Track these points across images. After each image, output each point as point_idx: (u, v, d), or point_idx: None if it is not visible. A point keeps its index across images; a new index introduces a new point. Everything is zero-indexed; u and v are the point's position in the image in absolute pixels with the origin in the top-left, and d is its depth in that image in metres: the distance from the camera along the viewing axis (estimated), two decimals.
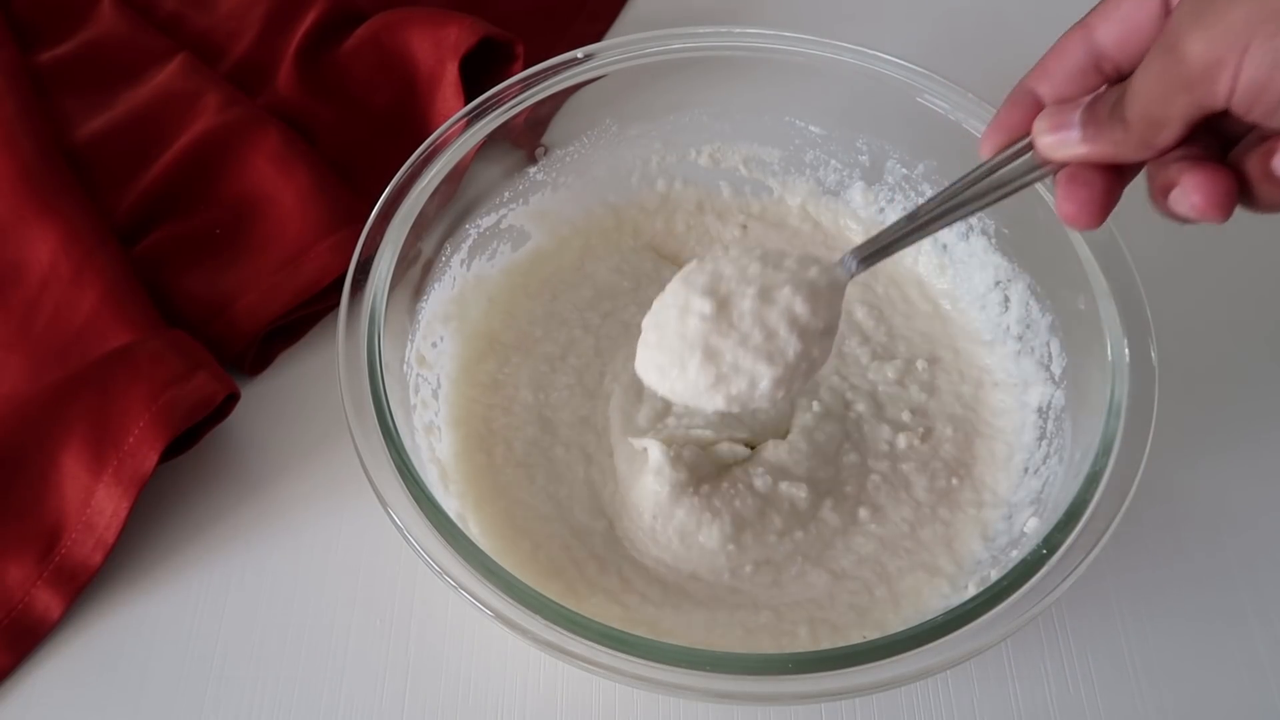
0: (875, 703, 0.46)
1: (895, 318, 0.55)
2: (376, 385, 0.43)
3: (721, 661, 0.37)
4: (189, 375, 0.49)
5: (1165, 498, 0.50)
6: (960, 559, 0.46)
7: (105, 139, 0.62)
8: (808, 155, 0.56)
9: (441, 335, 0.51)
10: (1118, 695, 0.46)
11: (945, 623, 0.38)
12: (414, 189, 0.48)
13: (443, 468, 0.47)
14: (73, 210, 0.56)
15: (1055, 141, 0.35)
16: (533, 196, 0.55)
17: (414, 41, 0.61)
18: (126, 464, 0.48)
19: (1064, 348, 0.48)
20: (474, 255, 0.53)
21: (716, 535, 0.46)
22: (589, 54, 0.52)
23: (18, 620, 0.47)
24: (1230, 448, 0.52)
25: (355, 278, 0.46)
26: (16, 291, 0.55)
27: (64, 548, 0.48)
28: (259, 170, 0.59)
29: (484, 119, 0.51)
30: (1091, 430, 0.43)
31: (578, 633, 0.37)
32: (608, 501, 0.49)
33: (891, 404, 0.51)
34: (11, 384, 0.53)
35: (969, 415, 0.51)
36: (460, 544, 0.39)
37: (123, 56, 0.66)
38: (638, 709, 0.46)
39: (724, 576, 0.46)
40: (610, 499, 0.49)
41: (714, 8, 0.70)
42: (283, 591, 0.49)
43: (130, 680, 0.47)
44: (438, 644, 0.47)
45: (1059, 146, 0.35)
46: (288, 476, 0.52)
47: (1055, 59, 0.37)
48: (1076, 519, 0.40)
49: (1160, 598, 0.48)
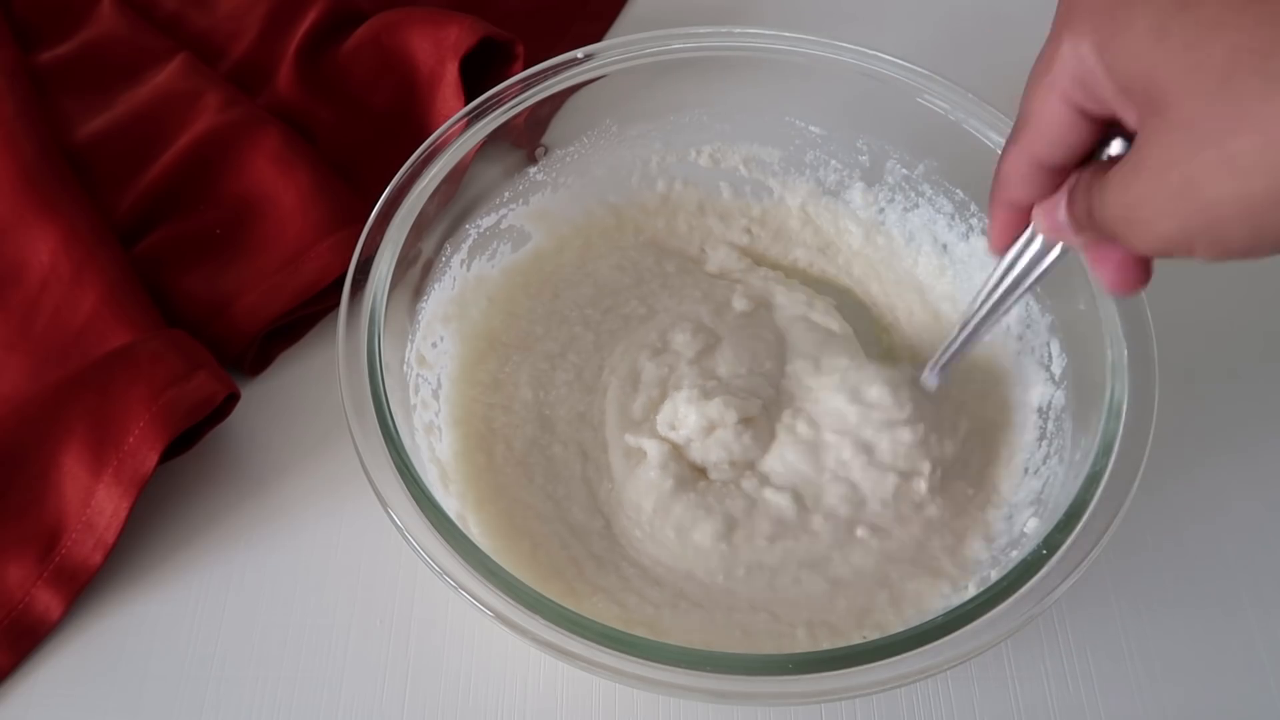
0: (875, 703, 0.46)
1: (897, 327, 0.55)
2: (376, 385, 0.43)
3: (721, 661, 0.37)
4: (189, 375, 0.49)
5: (1165, 498, 0.50)
6: (963, 561, 0.46)
7: (105, 139, 0.62)
8: (808, 155, 0.56)
9: (441, 335, 0.51)
10: (1118, 695, 0.46)
11: (945, 623, 0.38)
12: (414, 189, 0.48)
13: (443, 468, 0.47)
14: (73, 210, 0.56)
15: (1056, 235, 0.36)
16: (533, 196, 0.55)
17: (414, 41, 0.61)
18: (126, 464, 0.48)
19: (1064, 348, 0.48)
20: (474, 255, 0.53)
21: (710, 533, 0.46)
22: (589, 54, 0.52)
23: (18, 620, 0.47)
24: (1230, 448, 0.52)
25: (355, 278, 0.46)
26: (16, 291, 0.55)
27: (64, 548, 0.48)
28: (259, 170, 0.59)
29: (484, 119, 0.51)
30: (1091, 430, 0.43)
31: (578, 633, 0.37)
32: (604, 499, 0.49)
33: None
34: (11, 384, 0.53)
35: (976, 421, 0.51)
36: (460, 544, 0.39)
37: (123, 56, 0.66)
38: (638, 709, 0.46)
39: (719, 578, 0.46)
40: (606, 497, 0.49)
41: (714, 8, 0.70)
42: (283, 591, 0.49)
43: (130, 680, 0.47)
44: (438, 644, 0.47)
45: (1062, 237, 0.36)
46: (288, 476, 0.52)
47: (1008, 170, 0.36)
48: (1076, 519, 0.40)
49: (1160, 597, 0.48)
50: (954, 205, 0.53)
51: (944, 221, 0.54)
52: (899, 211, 0.56)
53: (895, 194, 0.55)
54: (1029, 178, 0.35)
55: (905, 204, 0.55)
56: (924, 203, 0.55)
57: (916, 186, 0.55)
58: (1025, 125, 0.34)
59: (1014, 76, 0.38)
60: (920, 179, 0.54)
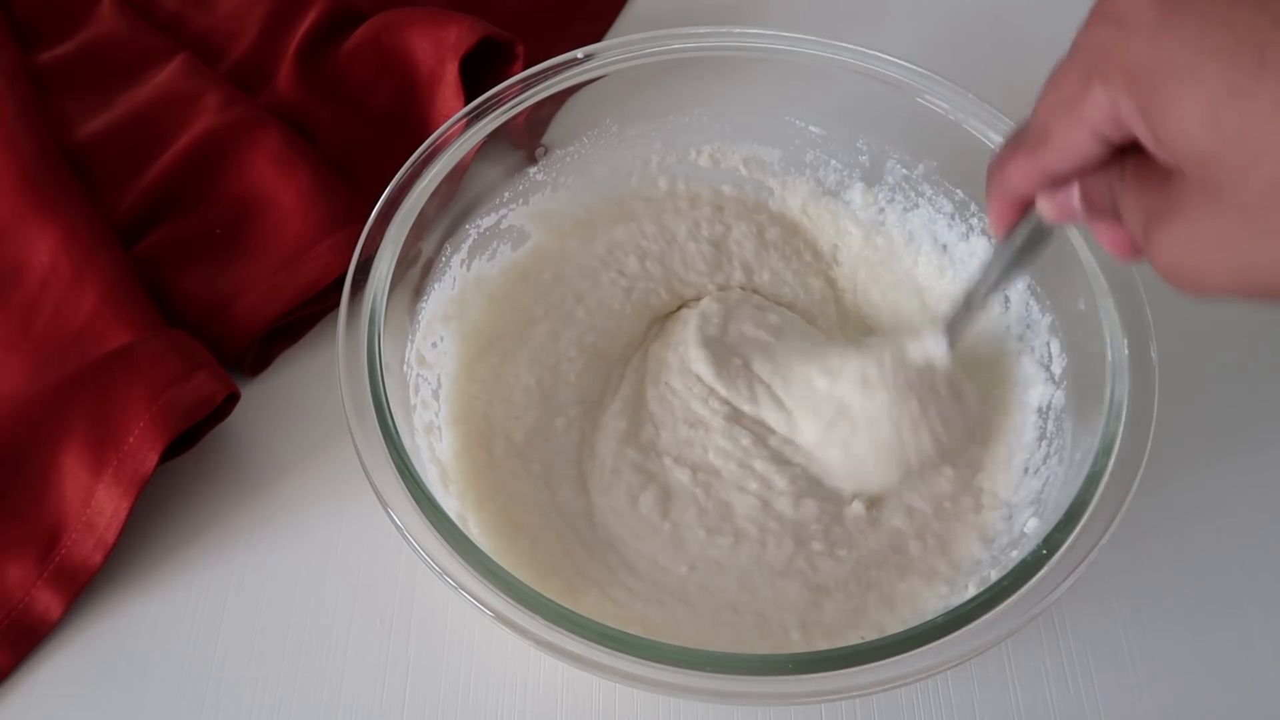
0: (875, 703, 0.46)
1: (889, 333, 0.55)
2: (376, 385, 0.43)
3: (721, 661, 0.37)
4: (189, 375, 0.49)
5: (1165, 498, 0.50)
6: (958, 562, 0.46)
7: (105, 139, 0.62)
8: (808, 155, 0.56)
9: (441, 335, 0.51)
10: (1118, 694, 0.46)
11: (945, 623, 0.38)
12: (414, 189, 0.48)
13: (443, 468, 0.47)
14: (73, 210, 0.56)
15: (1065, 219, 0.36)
16: (533, 196, 0.55)
17: (414, 41, 0.61)
18: (127, 464, 0.48)
19: (1064, 348, 0.48)
20: (474, 255, 0.53)
21: (650, 503, 0.47)
22: (589, 54, 0.52)
23: (18, 620, 0.47)
24: (1230, 448, 0.52)
25: (355, 278, 0.46)
26: (16, 291, 0.55)
27: (64, 548, 0.48)
28: (259, 170, 0.59)
29: (484, 119, 0.51)
30: (1091, 430, 0.43)
31: (577, 632, 0.37)
32: (589, 477, 0.49)
33: None
34: (11, 384, 0.53)
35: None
36: (460, 544, 0.39)
37: (123, 56, 0.66)
38: (638, 709, 0.46)
39: (682, 569, 0.46)
40: (589, 472, 0.49)
41: (714, 8, 0.70)
42: (283, 591, 0.49)
43: (130, 680, 0.47)
44: (438, 644, 0.47)
45: (1071, 219, 0.36)
46: (288, 476, 0.52)
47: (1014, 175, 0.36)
48: (1076, 519, 0.40)
49: (1160, 597, 0.48)
50: (954, 205, 0.53)
51: (944, 222, 0.54)
52: (899, 212, 0.56)
53: (895, 194, 0.55)
54: (1039, 183, 0.36)
55: (905, 204, 0.55)
56: (924, 203, 0.55)
57: (916, 187, 0.55)
58: (1043, 145, 0.34)
59: (1014, 76, 0.38)
60: (920, 179, 0.54)
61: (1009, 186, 0.37)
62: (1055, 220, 0.37)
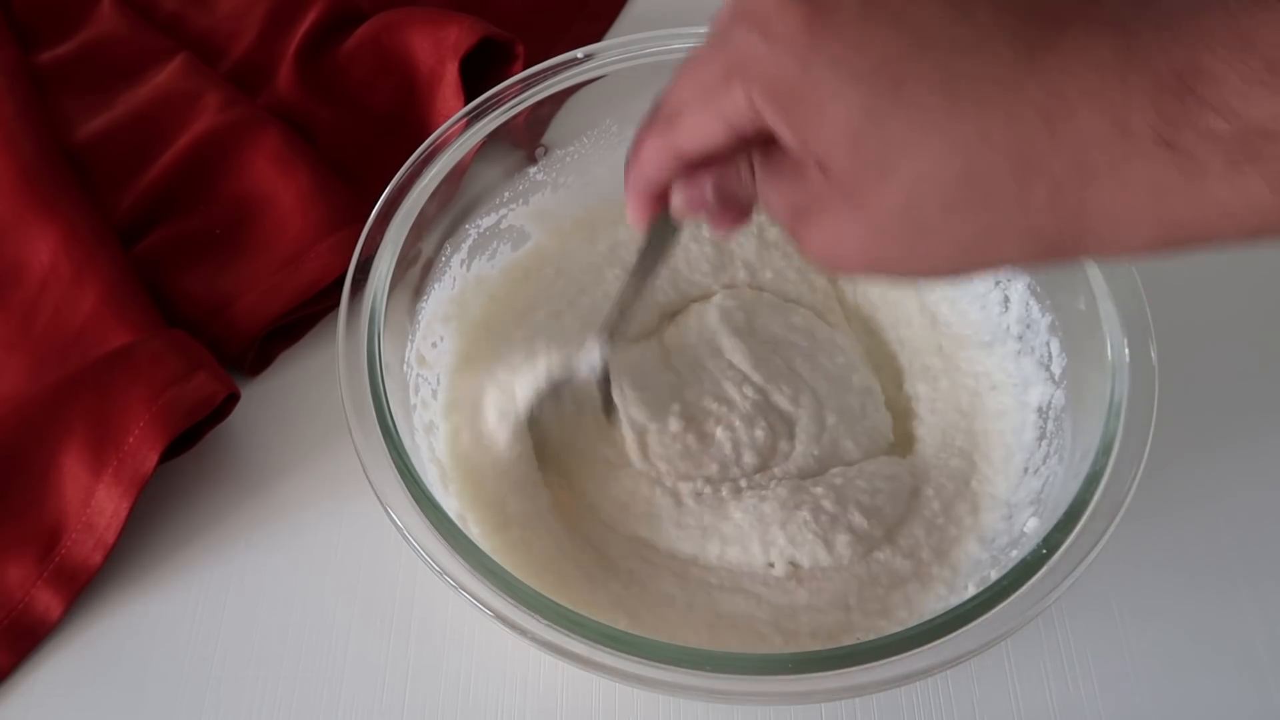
0: (875, 703, 0.46)
1: (889, 329, 0.55)
2: (376, 385, 0.43)
3: (721, 661, 0.37)
4: (189, 375, 0.49)
5: (1165, 498, 0.50)
6: (958, 562, 0.46)
7: (105, 139, 0.62)
8: None
9: (441, 335, 0.51)
10: (1118, 694, 0.46)
11: (945, 623, 0.38)
12: (414, 189, 0.48)
13: (443, 468, 0.47)
14: (73, 210, 0.56)
15: (694, 212, 0.37)
16: (533, 196, 0.55)
17: (414, 42, 0.61)
18: (126, 464, 0.48)
19: (1064, 348, 0.48)
20: (474, 255, 0.53)
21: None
22: (589, 54, 0.52)
23: (18, 620, 0.47)
24: (1230, 448, 0.52)
25: (355, 278, 0.46)
26: (16, 291, 0.55)
27: (64, 548, 0.48)
28: (259, 170, 0.59)
29: (484, 119, 0.51)
30: (1091, 430, 0.43)
31: (577, 633, 0.38)
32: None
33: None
34: (11, 384, 0.53)
35: (968, 421, 0.51)
36: (460, 544, 0.39)
37: (123, 57, 0.66)
38: (638, 709, 0.46)
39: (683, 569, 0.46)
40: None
41: (714, 8, 0.69)
42: (283, 591, 0.49)
43: (130, 680, 0.47)
44: (438, 644, 0.47)
45: (701, 211, 0.37)
46: (288, 476, 0.52)
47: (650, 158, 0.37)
48: (1076, 519, 0.40)
49: (1160, 597, 0.48)
50: None
51: None
52: None
53: None
54: (672, 167, 0.36)
55: None
56: None
57: None
58: (676, 128, 0.34)
59: None
60: None
61: (645, 171, 0.37)
62: (685, 215, 0.37)
